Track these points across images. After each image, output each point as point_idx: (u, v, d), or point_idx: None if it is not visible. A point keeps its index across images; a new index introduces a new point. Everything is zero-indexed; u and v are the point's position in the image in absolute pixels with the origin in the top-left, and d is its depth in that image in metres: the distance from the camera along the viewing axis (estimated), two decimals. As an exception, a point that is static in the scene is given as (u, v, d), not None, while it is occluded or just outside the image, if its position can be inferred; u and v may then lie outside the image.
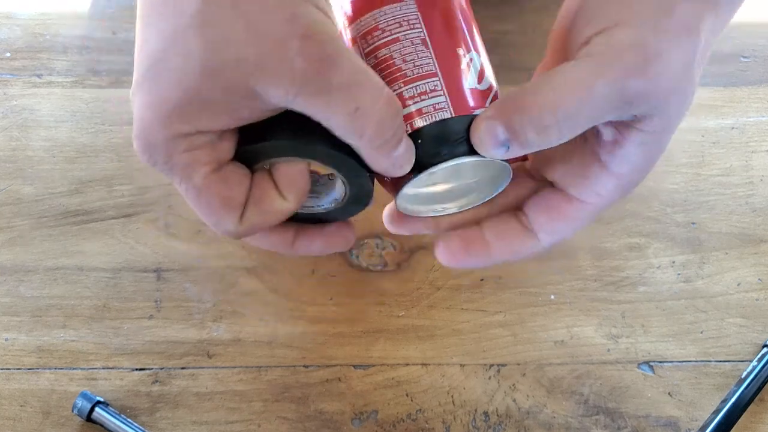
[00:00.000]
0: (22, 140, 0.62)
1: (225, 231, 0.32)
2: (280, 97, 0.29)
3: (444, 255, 0.38)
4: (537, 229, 0.36)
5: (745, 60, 0.69)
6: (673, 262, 0.58)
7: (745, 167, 0.63)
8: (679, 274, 0.58)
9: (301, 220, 0.36)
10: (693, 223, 0.60)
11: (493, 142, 0.31)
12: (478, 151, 0.32)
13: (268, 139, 0.31)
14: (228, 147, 0.31)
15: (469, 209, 0.39)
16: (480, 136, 0.32)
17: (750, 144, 0.64)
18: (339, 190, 0.36)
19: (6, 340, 0.54)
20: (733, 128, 0.65)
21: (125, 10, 0.69)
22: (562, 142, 0.31)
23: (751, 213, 0.61)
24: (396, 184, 0.34)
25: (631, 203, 0.61)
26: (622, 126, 0.32)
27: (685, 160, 0.63)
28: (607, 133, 0.32)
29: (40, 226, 0.58)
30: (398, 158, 0.31)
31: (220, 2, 0.28)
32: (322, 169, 0.34)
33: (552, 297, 0.57)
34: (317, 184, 0.36)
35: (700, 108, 0.66)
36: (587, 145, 0.34)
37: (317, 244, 0.36)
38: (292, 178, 0.32)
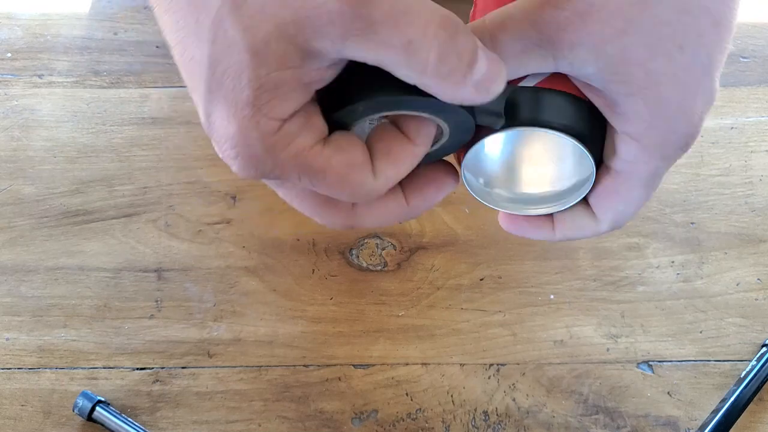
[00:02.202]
0: (23, 140, 0.62)
1: (365, 193, 0.30)
2: (330, 48, 0.26)
3: (507, 220, 0.35)
4: (595, 209, 0.33)
5: (745, 60, 0.69)
6: (673, 261, 0.58)
7: (744, 167, 0.63)
8: (678, 273, 0.58)
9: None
10: (692, 223, 0.60)
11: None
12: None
13: (352, 100, 0.29)
14: (318, 120, 0.29)
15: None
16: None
17: (749, 144, 0.64)
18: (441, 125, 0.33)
19: (7, 339, 0.54)
20: (732, 128, 0.65)
21: (126, 10, 0.69)
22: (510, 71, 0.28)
23: (750, 213, 0.61)
24: (457, 156, 0.31)
25: (630, 203, 0.61)
26: (589, 78, 0.29)
27: (684, 160, 0.63)
28: (598, 100, 0.30)
29: (41, 226, 0.58)
30: (480, 81, 0.27)
31: None
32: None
33: (551, 297, 0.57)
34: None
35: (699, 108, 0.66)
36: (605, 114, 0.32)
37: (430, 192, 0.33)
38: (417, 126, 0.30)
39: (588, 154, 0.30)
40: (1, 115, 0.63)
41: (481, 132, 0.31)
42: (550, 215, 0.34)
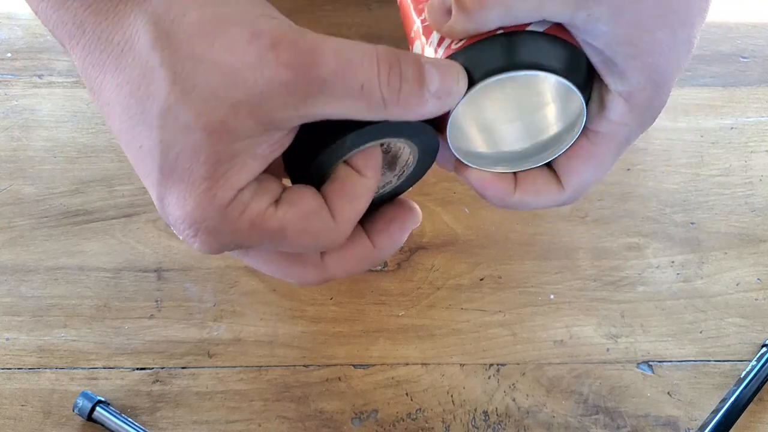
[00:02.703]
0: (23, 140, 0.62)
1: (329, 239, 0.30)
2: (292, 115, 0.28)
3: (474, 176, 0.35)
4: (561, 173, 0.34)
5: (745, 60, 0.69)
6: (672, 261, 0.59)
7: (744, 167, 0.63)
8: (678, 273, 0.58)
9: (376, 204, 0.34)
10: (692, 223, 0.60)
11: (439, 7, 0.30)
12: (431, 22, 0.30)
13: (318, 153, 0.29)
14: (270, 182, 0.30)
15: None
16: (431, 0, 0.30)
17: (749, 144, 0.64)
18: (404, 153, 0.33)
19: (7, 339, 0.54)
20: (732, 128, 0.65)
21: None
22: (508, 14, 0.29)
23: (750, 213, 0.61)
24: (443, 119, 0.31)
25: (629, 203, 0.61)
26: (598, 35, 0.30)
27: (684, 160, 0.63)
28: (596, 57, 0.31)
29: (41, 226, 0.58)
30: (437, 92, 0.29)
31: (185, 67, 0.27)
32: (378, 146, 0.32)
33: (551, 297, 0.57)
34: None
35: (699, 108, 0.66)
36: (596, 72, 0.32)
37: (395, 231, 0.33)
38: (364, 157, 0.31)
39: (582, 98, 0.30)
40: (1, 115, 0.63)
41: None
42: (513, 178, 0.34)
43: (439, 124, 0.31)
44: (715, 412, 0.52)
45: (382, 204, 0.34)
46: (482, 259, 0.58)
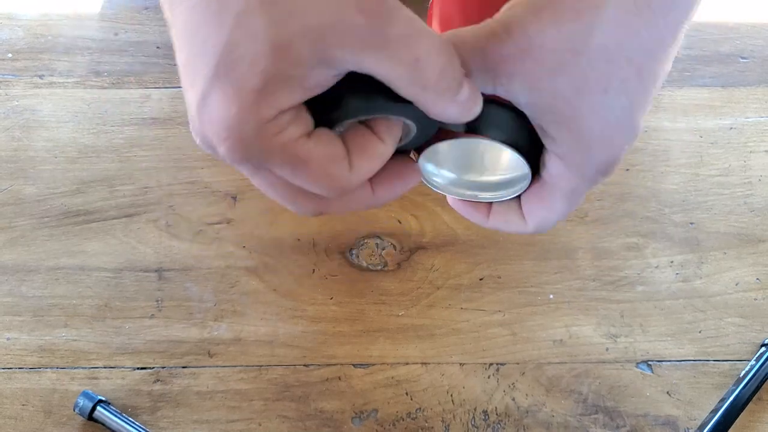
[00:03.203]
0: (23, 140, 0.62)
1: (341, 186, 0.32)
2: (348, 57, 0.29)
3: (456, 203, 0.39)
4: (524, 210, 0.38)
5: (744, 60, 0.69)
6: (672, 261, 0.59)
7: (743, 167, 0.63)
8: (677, 273, 0.58)
9: None
10: (691, 223, 0.60)
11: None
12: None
13: (342, 105, 0.32)
14: (306, 115, 0.31)
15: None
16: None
17: (748, 144, 0.64)
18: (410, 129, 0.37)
19: (8, 339, 0.54)
20: (731, 128, 0.65)
21: (127, 11, 0.69)
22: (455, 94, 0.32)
23: (749, 213, 0.61)
24: (418, 151, 0.36)
25: (629, 203, 0.61)
26: (524, 105, 0.33)
27: (683, 161, 0.63)
28: (530, 119, 0.34)
29: (41, 226, 0.59)
30: (464, 102, 0.31)
31: None
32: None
33: (551, 296, 0.57)
34: None
35: (698, 108, 0.66)
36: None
37: (397, 184, 0.36)
38: (388, 127, 0.33)
39: (527, 164, 0.34)
40: (2, 115, 0.64)
41: (440, 133, 0.35)
42: (488, 207, 0.39)
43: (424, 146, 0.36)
44: (714, 411, 0.52)
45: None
46: (482, 259, 0.58)
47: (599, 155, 0.34)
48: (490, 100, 0.33)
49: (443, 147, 0.35)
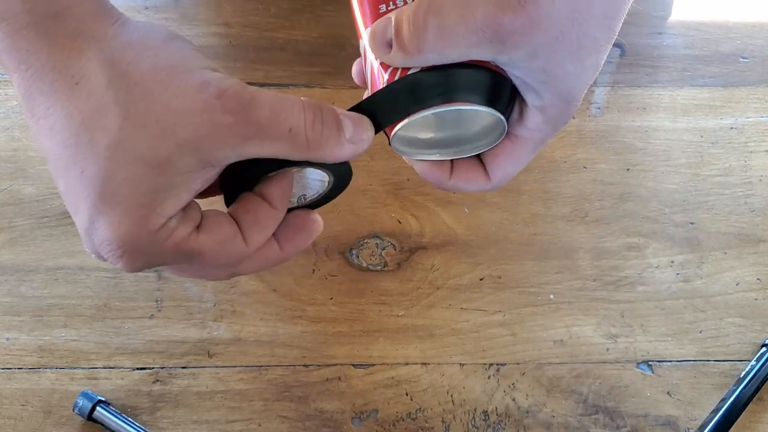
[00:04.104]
0: (23, 140, 0.62)
1: (239, 260, 0.35)
2: (230, 154, 0.31)
3: (417, 164, 0.40)
4: (488, 167, 0.39)
5: (744, 60, 0.69)
6: (672, 261, 0.59)
7: (743, 167, 0.63)
8: (677, 273, 0.58)
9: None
10: (692, 223, 0.60)
11: (380, 39, 0.34)
12: (371, 48, 0.35)
13: (239, 183, 0.35)
14: (193, 211, 0.34)
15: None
16: (372, 29, 0.35)
17: (749, 144, 0.64)
18: (319, 179, 0.39)
19: (7, 339, 0.54)
20: (732, 128, 0.65)
21: (125, 10, 0.69)
22: (441, 57, 0.33)
23: (749, 213, 0.61)
24: (389, 130, 0.37)
25: (629, 203, 0.61)
26: (516, 68, 0.34)
27: (683, 161, 0.63)
28: (517, 80, 0.35)
29: (41, 225, 0.59)
30: (354, 137, 0.34)
31: (138, 107, 0.30)
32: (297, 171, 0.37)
33: (551, 296, 0.57)
34: (296, 184, 0.39)
35: (699, 108, 0.66)
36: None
37: (301, 239, 0.38)
38: (275, 188, 0.35)
39: (504, 120, 0.36)
40: (2, 115, 0.63)
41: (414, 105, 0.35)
42: (450, 167, 0.39)
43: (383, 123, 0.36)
44: (715, 411, 0.52)
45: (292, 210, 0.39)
46: (482, 259, 0.58)
47: (572, 107, 0.36)
48: (460, 64, 0.34)
49: (417, 120, 0.36)
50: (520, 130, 0.37)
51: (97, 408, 0.50)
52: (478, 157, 0.39)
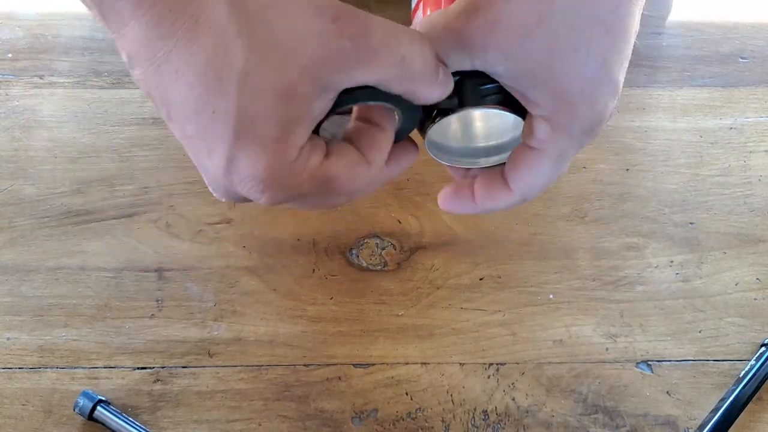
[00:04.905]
0: (24, 140, 0.62)
1: (368, 183, 0.35)
2: (343, 79, 0.32)
3: (440, 198, 0.41)
4: (509, 180, 0.39)
5: (744, 60, 0.69)
6: (672, 261, 0.59)
7: (743, 167, 0.63)
8: (677, 273, 0.58)
9: None
10: (691, 223, 0.60)
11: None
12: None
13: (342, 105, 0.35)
14: (318, 139, 0.34)
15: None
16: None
17: (748, 144, 0.64)
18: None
19: (8, 339, 0.54)
20: (731, 128, 0.65)
21: None
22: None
23: (749, 213, 0.61)
24: (422, 128, 0.38)
25: (629, 203, 0.61)
26: (500, 75, 0.35)
27: (683, 161, 0.63)
28: (514, 91, 0.36)
29: (41, 225, 0.59)
30: (443, 81, 0.34)
31: (259, 35, 0.30)
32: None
33: (551, 296, 0.57)
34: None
35: (698, 108, 0.66)
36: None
37: (403, 160, 0.39)
38: (385, 114, 0.36)
39: (521, 119, 0.37)
40: (3, 115, 0.64)
41: (441, 113, 0.37)
42: (473, 191, 0.40)
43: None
44: (714, 411, 0.52)
45: None
46: (482, 259, 0.58)
47: (583, 113, 0.35)
48: (470, 73, 0.35)
49: (442, 125, 0.37)
50: (533, 142, 0.37)
51: (98, 408, 0.50)
52: (502, 176, 0.39)
